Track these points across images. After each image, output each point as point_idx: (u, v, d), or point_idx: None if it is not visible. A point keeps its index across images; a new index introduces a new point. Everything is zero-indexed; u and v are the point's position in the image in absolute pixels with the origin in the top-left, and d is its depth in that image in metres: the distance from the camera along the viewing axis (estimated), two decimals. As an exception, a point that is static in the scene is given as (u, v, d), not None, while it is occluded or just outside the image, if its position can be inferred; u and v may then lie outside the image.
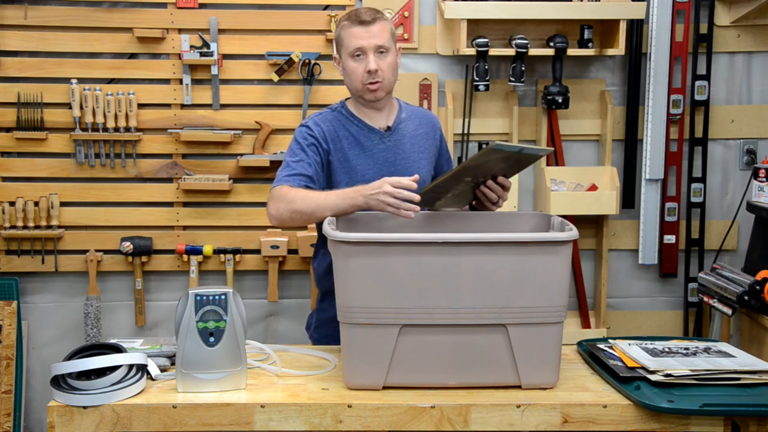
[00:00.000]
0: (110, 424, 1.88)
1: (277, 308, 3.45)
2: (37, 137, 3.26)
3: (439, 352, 1.96)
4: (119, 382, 1.91)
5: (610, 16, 3.15)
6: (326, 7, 3.30)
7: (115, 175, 3.32)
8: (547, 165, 3.34)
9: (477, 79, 3.21)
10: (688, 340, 2.28)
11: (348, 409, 1.91)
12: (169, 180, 3.34)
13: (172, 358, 2.10)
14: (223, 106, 3.32)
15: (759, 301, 2.79)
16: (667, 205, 3.42)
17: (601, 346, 2.20)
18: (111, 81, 3.29)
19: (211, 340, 1.94)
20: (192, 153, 3.33)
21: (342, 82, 3.29)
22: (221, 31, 3.27)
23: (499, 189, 2.27)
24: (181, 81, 3.28)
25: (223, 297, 1.95)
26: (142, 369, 1.98)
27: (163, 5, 3.25)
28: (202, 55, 3.23)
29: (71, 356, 1.95)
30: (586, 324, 3.45)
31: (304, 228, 3.33)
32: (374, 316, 1.93)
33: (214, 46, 3.24)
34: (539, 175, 3.35)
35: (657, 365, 1.99)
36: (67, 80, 3.23)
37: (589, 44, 3.24)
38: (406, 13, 3.29)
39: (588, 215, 3.35)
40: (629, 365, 2.03)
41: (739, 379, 1.96)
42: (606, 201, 3.27)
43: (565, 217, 2.50)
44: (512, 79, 3.22)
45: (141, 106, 3.28)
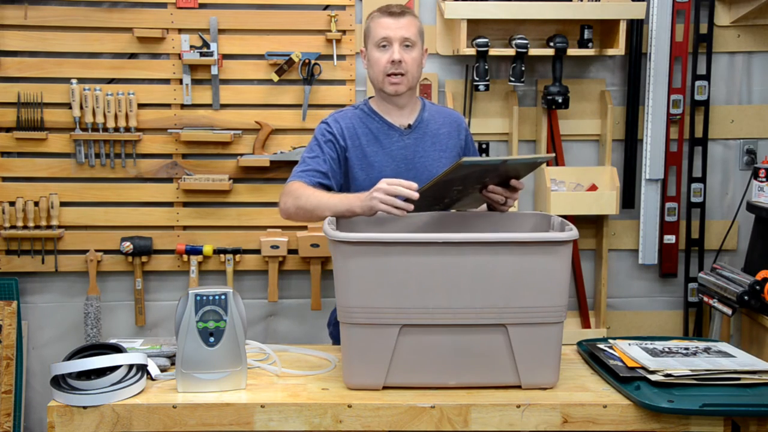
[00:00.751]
0: (110, 424, 1.88)
1: (277, 308, 3.45)
2: (37, 137, 3.26)
3: (439, 352, 1.96)
4: (119, 382, 1.91)
5: (610, 16, 3.15)
6: (326, 7, 3.30)
7: (115, 175, 3.32)
8: (547, 165, 3.34)
9: (477, 79, 3.21)
10: (688, 340, 2.28)
11: (348, 409, 1.91)
12: (169, 180, 3.34)
13: (172, 358, 2.11)
14: (223, 106, 3.32)
15: (759, 301, 2.79)
16: (667, 205, 3.42)
17: (601, 346, 2.20)
18: (111, 81, 3.29)
19: (211, 340, 1.94)
20: (192, 153, 3.33)
21: (343, 83, 3.33)
22: (221, 31, 3.27)
23: (502, 191, 2.26)
24: (181, 81, 3.28)
25: (223, 297, 1.95)
26: (142, 369, 1.98)
27: (163, 5, 3.25)
28: (202, 55, 3.23)
29: (71, 356, 1.95)
30: (586, 324, 3.45)
31: (305, 228, 3.33)
32: (374, 316, 1.93)
33: (214, 46, 3.24)
34: (539, 175, 3.35)
35: (657, 365, 1.99)
36: (67, 80, 3.23)
37: (589, 44, 3.24)
38: (406, 13, 3.29)
39: (588, 215, 3.35)
40: (629, 365, 2.03)
41: (739, 379, 1.96)
42: (606, 201, 3.27)
43: (565, 217, 2.50)
44: (512, 79, 3.22)
45: (141, 106, 3.28)
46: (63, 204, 3.31)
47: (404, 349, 1.95)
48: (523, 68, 3.20)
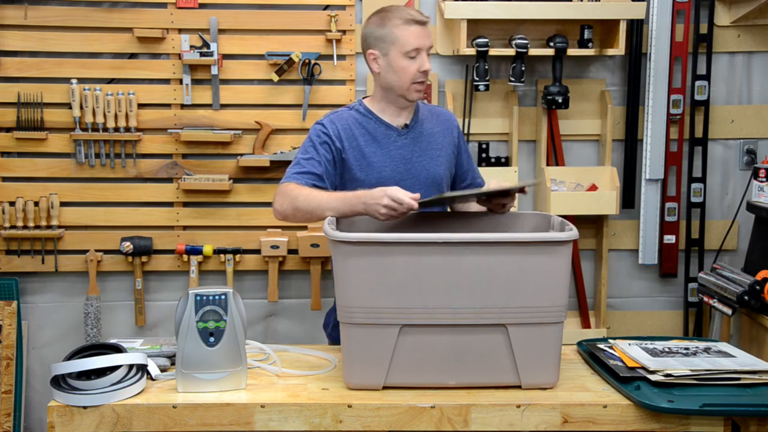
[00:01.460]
0: (110, 424, 1.88)
1: (277, 308, 3.45)
2: (37, 137, 3.26)
3: (439, 352, 1.96)
4: (119, 382, 1.91)
5: (610, 16, 3.15)
6: (326, 7, 3.30)
7: (115, 175, 3.32)
8: (547, 165, 3.34)
9: (477, 79, 3.21)
10: (688, 340, 2.29)
11: (348, 409, 1.91)
12: (169, 180, 3.34)
13: (172, 358, 2.11)
14: (223, 106, 3.32)
15: (759, 301, 2.79)
16: (667, 205, 3.42)
17: (601, 346, 2.20)
18: (111, 81, 3.29)
19: (211, 340, 1.94)
20: (192, 153, 3.33)
21: (343, 83, 3.32)
22: (221, 31, 3.27)
23: (499, 201, 2.30)
24: (181, 81, 3.28)
25: (223, 297, 1.95)
26: (142, 369, 1.98)
27: (163, 5, 3.25)
28: (202, 55, 3.23)
29: (71, 356, 1.95)
30: (586, 324, 3.45)
31: (304, 228, 3.33)
32: (374, 316, 1.93)
33: (214, 46, 3.24)
34: (539, 176, 3.34)
35: (657, 365, 1.99)
36: (67, 80, 3.23)
37: (589, 44, 3.24)
38: (406, 13, 3.29)
39: (588, 215, 3.35)
40: (629, 365, 2.03)
41: (739, 379, 1.97)
42: (606, 201, 3.27)
43: (565, 217, 2.50)
44: (512, 79, 3.22)
45: (141, 106, 3.28)
46: (63, 204, 3.31)
47: (404, 349, 1.95)
48: (523, 68, 3.20)
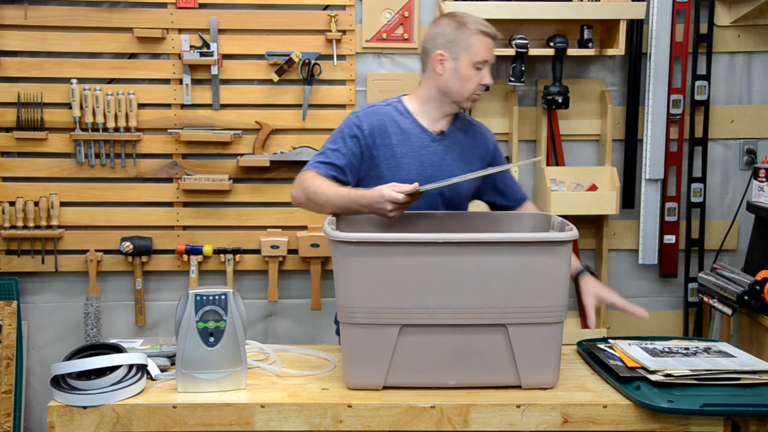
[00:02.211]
0: (110, 424, 1.88)
1: (277, 308, 3.45)
2: (37, 137, 3.26)
3: (439, 352, 1.96)
4: (119, 382, 1.91)
5: (610, 16, 3.15)
6: (326, 7, 3.30)
7: (115, 175, 3.32)
8: (547, 165, 3.34)
9: (477, 79, 3.21)
10: (688, 340, 2.29)
11: (348, 409, 1.91)
12: (169, 180, 3.34)
13: (172, 358, 2.11)
14: (223, 106, 3.32)
15: (759, 301, 2.79)
16: (667, 205, 3.42)
17: (601, 346, 2.20)
18: (111, 81, 3.29)
19: (211, 340, 1.94)
20: (192, 153, 3.33)
21: (343, 83, 3.32)
22: (221, 31, 3.27)
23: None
24: (181, 81, 3.28)
25: (223, 297, 1.95)
26: (142, 369, 1.98)
27: (163, 5, 3.25)
28: (202, 55, 3.23)
29: (71, 356, 1.95)
30: (586, 324, 3.45)
31: (304, 228, 3.33)
32: (374, 316, 1.93)
33: (214, 46, 3.24)
34: (539, 175, 3.35)
35: (657, 365, 1.99)
36: (67, 80, 3.23)
37: (589, 44, 3.24)
38: (406, 13, 3.29)
39: (588, 215, 3.35)
40: (629, 365, 2.03)
41: (739, 379, 1.97)
42: (606, 201, 3.26)
43: (565, 217, 2.50)
44: (512, 79, 3.22)
45: (141, 106, 3.28)
46: (63, 204, 3.31)
47: (404, 349, 1.95)
48: (523, 68, 3.20)
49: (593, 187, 3.34)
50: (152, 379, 2.03)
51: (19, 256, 3.32)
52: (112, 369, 1.91)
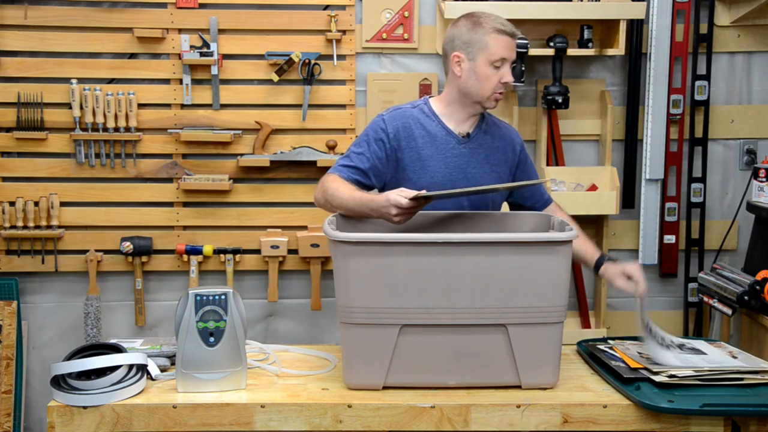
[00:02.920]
0: (110, 424, 1.88)
1: (277, 308, 3.45)
2: (37, 137, 3.26)
3: (439, 352, 1.96)
4: (119, 382, 1.91)
5: (610, 16, 3.15)
6: (326, 7, 3.29)
7: (115, 175, 3.32)
8: (547, 165, 3.34)
9: (477, 79, 3.21)
10: (687, 340, 2.28)
11: (348, 409, 1.91)
12: (169, 180, 3.34)
13: (172, 358, 2.11)
14: (223, 106, 3.32)
15: (759, 301, 2.79)
16: (667, 205, 3.42)
17: (602, 347, 2.20)
18: (111, 81, 3.29)
19: (211, 340, 1.95)
20: (192, 153, 3.33)
21: (343, 83, 3.32)
22: (221, 31, 3.27)
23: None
24: (181, 81, 3.28)
25: (223, 297, 1.95)
26: (142, 369, 1.98)
27: (163, 5, 3.25)
28: (202, 55, 3.23)
29: (71, 356, 1.95)
30: (586, 324, 3.45)
31: (304, 228, 3.33)
32: (374, 316, 1.93)
33: (214, 46, 3.24)
34: (539, 176, 3.34)
35: (659, 366, 1.99)
36: (67, 80, 3.23)
37: (589, 44, 3.24)
38: (406, 13, 3.29)
39: (588, 215, 3.35)
40: (632, 366, 2.03)
41: (742, 380, 1.97)
42: (606, 201, 3.26)
43: (565, 217, 2.50)
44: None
45: (141, 106, 3.28)
46: (63, 204, 3.31)
47: (404, 349, 1.95)
48: (523, 68, 3.20)
49: (593, 187, 3.34)
50: (152, 379, 2.03)
51: (19, 256, 3.32)
52: (112, 369, 1.92)
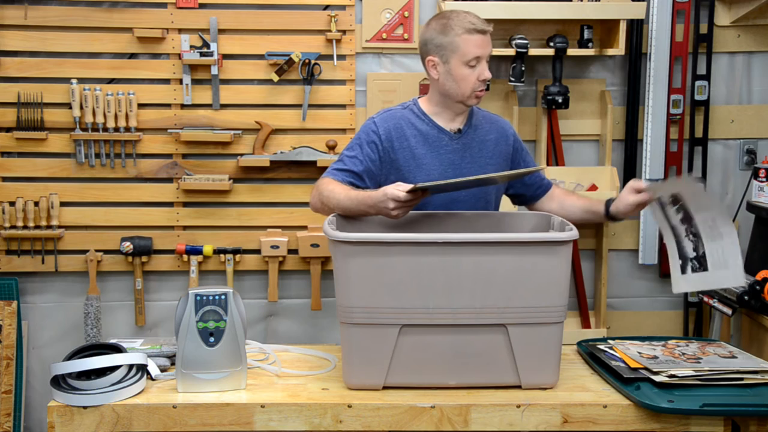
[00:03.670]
0: (110, 424, 1.88)
1: (277, 308, 3.45)
2: (37, 137, 3.26)
3: (439, 352, 1.96)
4: (119, 382, 1.91)
5: (610, 16, 3.15)
6: (326, 7, 3.30)
7: (115, 175, 3.32)
8: (548, 165, 3.35)
9: (477, 79, 3.21)
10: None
11: (348, 409, 1.91)
12: (169, 180, 3.34)
13: (172, 358, 2.11)
14: (223, 106, 3.32)
15: (759, 301, 2.79)
16: (667, 205, 3.42)
17: (602, 347, 2.20)
18: (111, 81, 3.29)
19: (211, 340, 1.95)
20: (192, 153, 3.33)
21: (343, 83, 3.32)
22: (221, 31, 3.27)
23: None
24: (181, 81, 3.28)
25: (223, 297, 1.95)
26: (142, 369, 1.98)
27: (163, 5, 3.25)
28: (202, 55, 3.23)
29: (71, 356, 1.95)
30: (586, 324, 3.45)
31: (304, 228, 3.33)
32: (374, 316, 1.93)
33: (214, 46, 3.24)
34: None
35: (660, 367, 1.99)
36: (67, 80, 3.23)
37: (589, 44, 3.24)
38: (406, 13, 3.29)
39: (588, 215, 3.35)
40: (632, 366, 2.03)
41: (742, 380, 1.97)
42: (606, 201, 3.26)
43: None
44: (512, 79, 3.22)
45: (141, 106, 3.28)
46: (63, 204, 3.31)
47: (404, 349, 1.95)
48: (523, 68, 3.20)
49: (593, 187, 3.34)
50: (152, 379, 2.03)
51: (19, 256, 3.32)
52: (112, 369, 1.92)
